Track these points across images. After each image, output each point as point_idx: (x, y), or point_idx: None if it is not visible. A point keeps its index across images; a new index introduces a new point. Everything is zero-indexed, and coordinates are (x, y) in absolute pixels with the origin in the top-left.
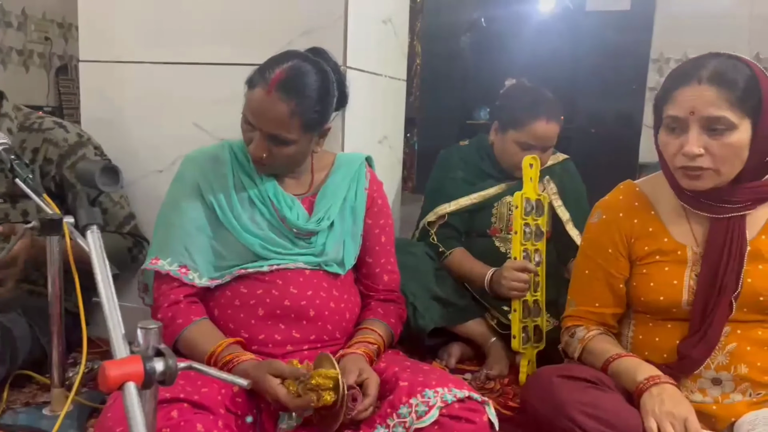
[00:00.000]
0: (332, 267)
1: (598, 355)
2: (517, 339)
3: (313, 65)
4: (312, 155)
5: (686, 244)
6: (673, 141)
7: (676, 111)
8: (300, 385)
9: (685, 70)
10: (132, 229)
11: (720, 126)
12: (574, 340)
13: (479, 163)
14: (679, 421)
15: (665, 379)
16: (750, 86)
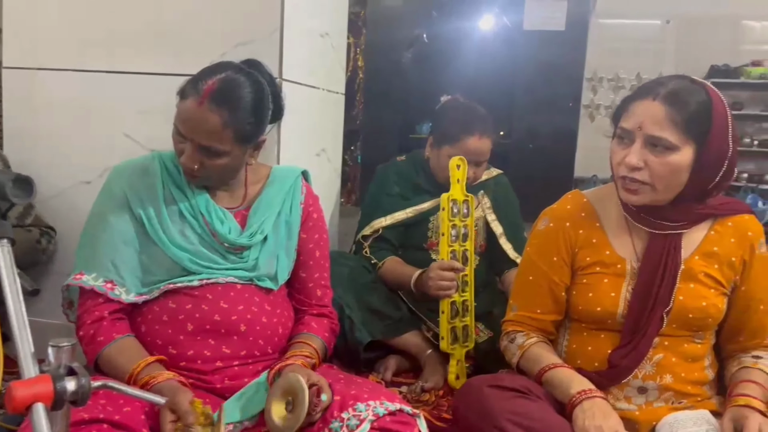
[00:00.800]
0: (265, 282)
1: (535, 362)
2: (446, 340)
3: (248, 77)
4: (246, 168)
5: (626, 258)
6: (620, 151)
7: (627, 123)
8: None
9: (648, 85)
10: (34, 220)
11: (660, 145)
12: (514, 345)
13: (415, 178)
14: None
15: (596, 393)
16: (700, 112)
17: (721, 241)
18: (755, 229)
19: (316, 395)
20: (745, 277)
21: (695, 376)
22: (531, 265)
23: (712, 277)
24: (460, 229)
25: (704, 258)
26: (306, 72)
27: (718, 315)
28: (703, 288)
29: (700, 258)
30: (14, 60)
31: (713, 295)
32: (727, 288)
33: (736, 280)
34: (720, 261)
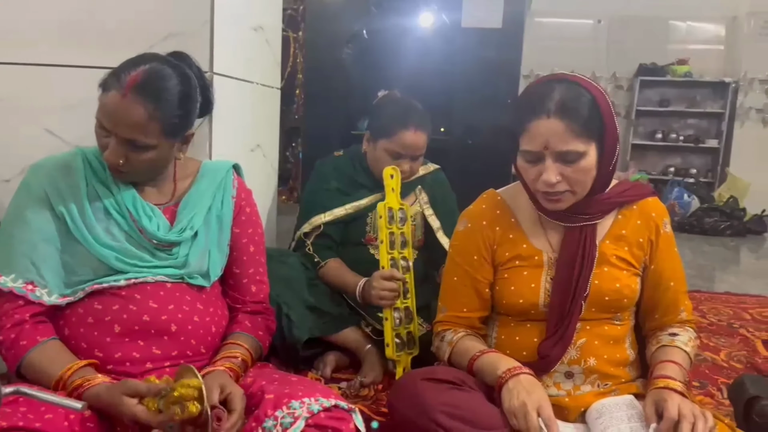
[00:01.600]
0: (196, 279)
1: (464, 354)
2: (391, 347)
3: (174, 69)
4: (175, 163)
5: (542, 250)
6: (532, 169)
7: (531, 146)
8: (161, 401)
9: (532, 100)
10: None
11: (571, 157)
12: (444, 343)
13: (353, 174)
14: (532, 410)
15: (521, 371)
16: (592, 112)
17: (628, 224)
18: (659, 210)
19: (216, 419)
20: (654, 256)
21: (617, 357)
22: (454, 266)
23: (623, 259)
24: (398, 237)
25: (614, 241)
26: (239, 66)
27: (633, 295)
28: (615, 270)
29: (611, 242)
30: None
31: (626, 277)
32: (639, 268)
33: (646, 259)
34: (629, 243)
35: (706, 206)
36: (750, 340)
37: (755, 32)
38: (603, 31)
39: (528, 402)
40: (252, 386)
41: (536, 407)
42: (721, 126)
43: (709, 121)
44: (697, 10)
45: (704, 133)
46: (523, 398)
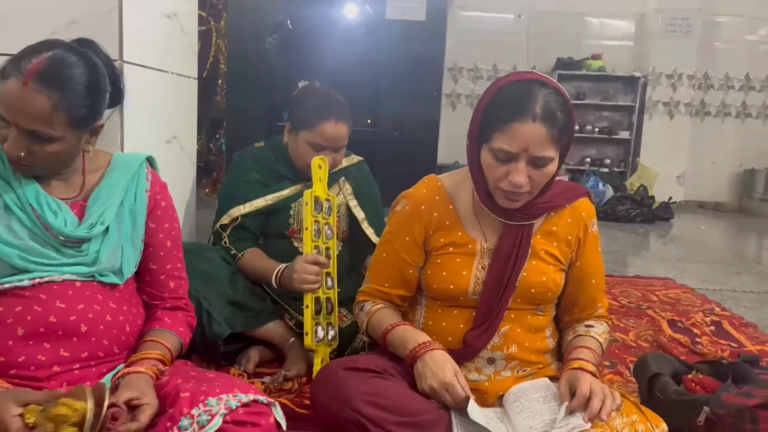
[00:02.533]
0: (108, 277)
1: (378, 326)
2: (310, 336)
3: (80, 56)
4: (83, 155)
5: (476, 239)
6: (500, 167)
7: (510, 146)
8: (41, 414)
9: (518, 101)
10: None
11: (543, 162)
12: (363, 312)
13: (274, 165)
14: (441, 391)
15: (427, 348)
16: (566, 119)
17: (559, 221)
18: (588, 210)
19: (111, 419)
20: (580, 254)
21: (538, 345)
22: (386, 243)
23: (551, 254)
24: (323, 227)
25: (545, 237)
26: (152, 54)
27: (557, 289)
28: (543, 264)
29: (542, 237)
30: None
31: (552, 271)
32: (565, 264)
33: (573, 256)
34: (558, 239)
35: (619, 195)
36: (656, 321)
37: (662, 29)
38: (523, 25)
39: (435, 384)
40: (167, 385)
41: (445, 387)
42: (632, 118)
43: (621, 113)
44: (610, 7)
45: (617, 125)
46: (430, 381)
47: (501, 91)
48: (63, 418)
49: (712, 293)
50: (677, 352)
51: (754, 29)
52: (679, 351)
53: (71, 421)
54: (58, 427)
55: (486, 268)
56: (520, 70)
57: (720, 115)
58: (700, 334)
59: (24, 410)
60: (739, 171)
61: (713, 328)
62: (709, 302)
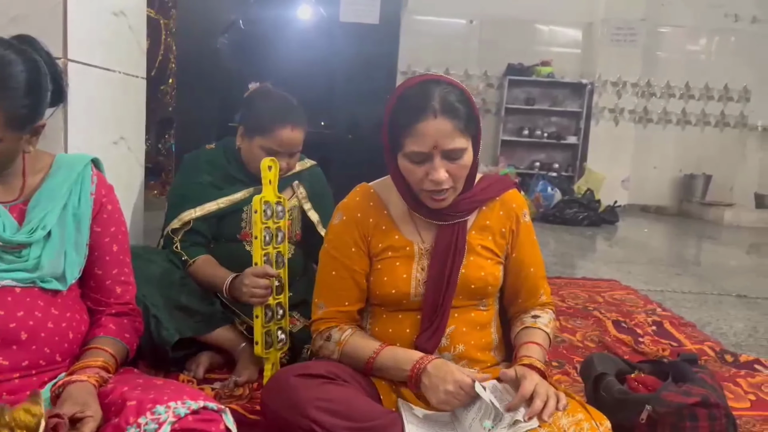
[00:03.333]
0: (51, 283)
1: (358, 353)
2: (260, 345)
3: (19, 54)
4: (24, 156)
5: (413, 241)
6: (418, 169)
7: (420, 147)
8: None
9: (416, 102)
10: None
11: (457, 154)
12: (331, 343)
13: (227, 167)
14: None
15: (424, 362)
16: (467, 109)
17: (491, 214)
18: (518, 201)
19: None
20: (515, 245)
21: (483, 341)
22: (331, 260)
23: (487, 248)
24: (275, 231)
25: (479, 232)
26: (98, 53)
27: (496, 282)
28: (481, 259)
29: (476, 232)
30: None
31: (490, 265)
32: (501, 256)
33: (508, 248)
34: (493, 232)
35: (567, 198)
36: (602, 321)
37: (607, 37)
38: (476, 31)
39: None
40: (112, 393)
41: (457, 389)
42: (579, 124)
43: (570, 119)
44: (559, 15)
45: (565, 130)
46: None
47: (400, 98)
48: (18, 423)
49: (654, 294)
50: (621, 352)
51: (695, 40)
52: (623, 351)
53: (31, 426)
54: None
55: (425, 269)
56: (414, 76)
57: (662, 122)
58: (643, 333)
59: None
60: (679, 176)
61: (655, 327)
62: (651, 303)
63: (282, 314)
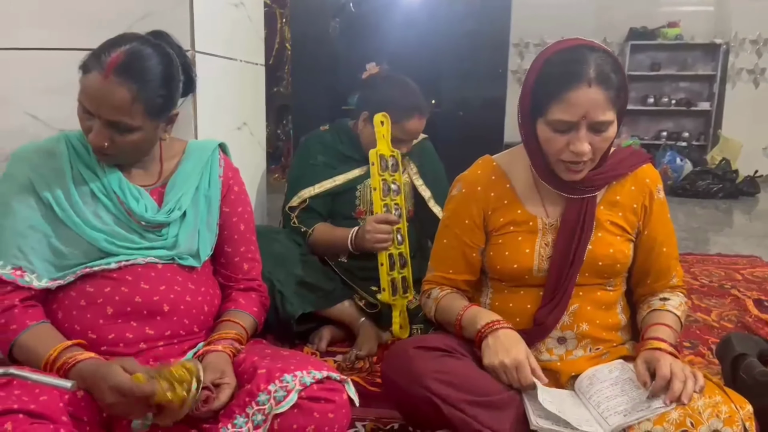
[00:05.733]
0: (187, 260)
1: (449, 311)
2: (387, 291)
3: (155, 48)
4: (160, 143)
5: (537, 215)
6: (560, 138)
7: (568, 116)
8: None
9: (569, 68)
10: None
11: (604, 126)
12: (430, 300)
13: (340, 148)
14: (511, 368)
15: (500, 325)
16: (620, 80)
17: (622, 190)
18: (652, 176)
19: (203, 401)
20: (647, 222)
21: (609, 322)
22: (445, 229)
23: (617, 224)
24: (390, 184)
25: (609, 207)
26: (221, 43)
27: (626, 261)
28: (609, 236)
29: (605, 207)
30: None
31: (619, 242)
32: (632, 234)
33: (639, 225)
34: (623, 208)
35: (699, 169)
36: (741, 300)
37: None
38: None
39: (507, 360)
40: (244, 362)
41: (516, 365)
42: (712, 88)
43: (701, 83)
44: None
45: (696, 96)
46: (502, 356)
47: (549, 62)
48: (178, 378)
49: None
50: (764, 333)
51: None
52: (766, 331)
53: (186, 381)
54: (171, 386)
55: (549, 244)
56: (562, 39)
57: None
58: None
59: (132, 377)
60: None
61: None
62: None
63: (404, 263)
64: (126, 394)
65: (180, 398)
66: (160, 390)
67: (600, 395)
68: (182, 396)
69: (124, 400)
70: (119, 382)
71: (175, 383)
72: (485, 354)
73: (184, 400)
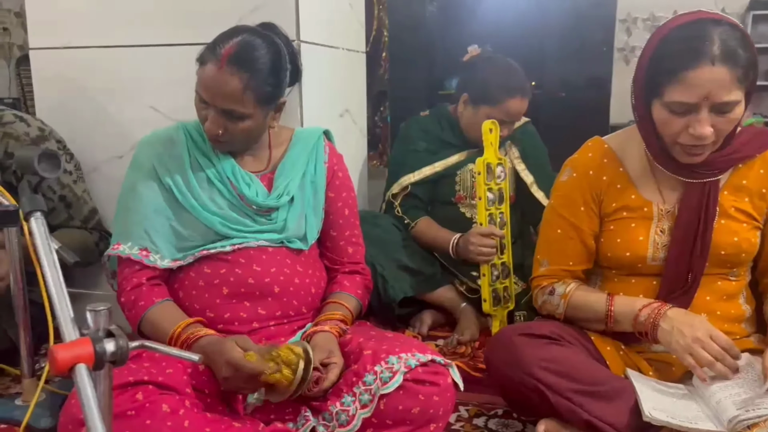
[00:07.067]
0: (295, 243)
1: (589, 306)
2: (488, 302)
3: (264, 39)
4: (269, 131)
5: (652, 201)
6: (678, 120)
7: (687, 97)
8: (265, 354)
9: (690, 45)
10: (96, 224)
11: (728, 107)
12: (555, 296)
13: (440, 133)
14: (706, 341)
15: (664, 306)
16: (748, 56)
17: (749, 173)
18: None
19: (314, 381)
20: None
21: (731, 313)
22: (557, 218)
23: (743, 210)
24: (496, 193)
25: (733, 192)
26: (324, 32)
27: (752, 249)
28: (734, 223)
29: (729, 193)
30: (40, 41)
31: (745, 230)
32: (760, 221)
33: None
34: (750, 193)
35: None
36: None
37: None
38: None
39: (698, 335)
40: (350, 343)
41: (708, 335)
42: None
43: None
44: None
45: None
46: (690, 332)
47: (667, 38)
48: (286, 360)
49: None
50: None
51: None
52: None
53: (293, 364)
54: (279, 367)
55: (666, 231)
56: (683, 12)
57: None
58: None
59: (245, 354)
60: None
61: None
62: None
63: (507, 273)
64: (238, 370)
65: (286, 379)
66: (268, 370)
67: (720, 391)
68: (288, 377)
69: (236, 374)
70: (233, 357)
71: (283, 365)
72: (666, 341)
73: (290, 381)
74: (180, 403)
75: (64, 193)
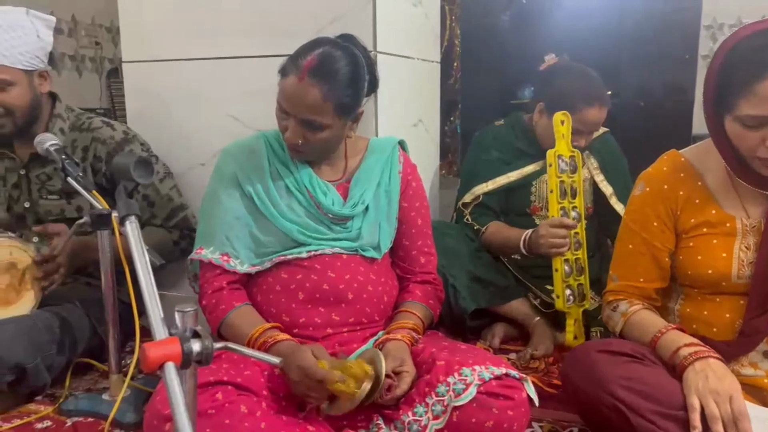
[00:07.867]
0: (368, 251)
1: (643, 330)
2: (561, 299)
3: (343, 50)
4: (345, 141)
5: (735, 216)
6: (752, 134)
7: (761, 110)
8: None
9: (760, 57)
10: (180, 221)
11: None
12: (616, 314)
13: (514, 142)
14: (723, 399)
15: (710, 353)
16: None
17: None
18: None
19: (386, 389)
20: None
21: None
22: (630, 233)
23: None
24: (568, 186)
25: None
26: (400, 43)
27: None
28: None
29: None
30: (132, 54)
31: None
32: None
33: None
34: None
35: None
36: None
37: None
38: None
39: (719, 389)
40: (423, 352)
41: (729, 396)
42: None
43: None
44: None
45: None
46: (714, 384)
47: (735, 50)
48: (353, 374)
49: None
50: None
51: None
52: None
53: (359, 379)
54: (345, 378)
55: (751, 248)
56: (758, 20)
57: None
58: None
59: (317, 362)
60: None
61: None
62: None
63: (581, 270)
64: (308, 375)
65: (350, 392)
66: (334, 379)
67: None
68: (352, 391)
69: (306, 380)
70: (305, 362)
71: (349, 378)
72: (691, 379)
73: (353, 394)
74: (257, 404)
75: (148, 192)
